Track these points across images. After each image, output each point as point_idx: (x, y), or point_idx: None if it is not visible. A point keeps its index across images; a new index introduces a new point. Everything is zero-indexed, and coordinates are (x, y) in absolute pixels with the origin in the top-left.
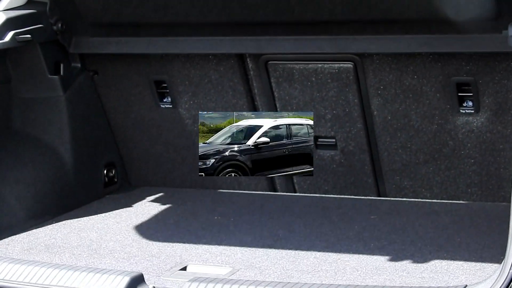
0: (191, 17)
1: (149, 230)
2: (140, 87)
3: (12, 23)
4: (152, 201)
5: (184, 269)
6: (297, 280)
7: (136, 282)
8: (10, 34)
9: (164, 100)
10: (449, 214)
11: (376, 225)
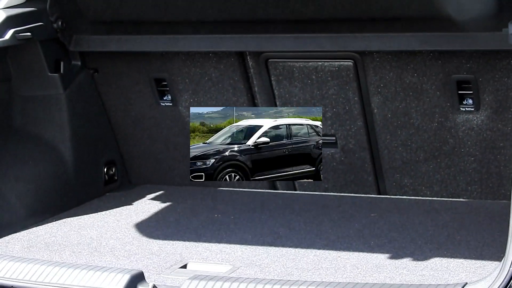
0: (191, 15)
1: (149, 228)
2: (140, 85)
3: (12, 21)
4: (152, 199)
5: (184, 267)
6: (297, 278)
7: (136, 280)
8: (10, 32)
9: (164, 98)
10: (449, 212)
11: (376, 223)
